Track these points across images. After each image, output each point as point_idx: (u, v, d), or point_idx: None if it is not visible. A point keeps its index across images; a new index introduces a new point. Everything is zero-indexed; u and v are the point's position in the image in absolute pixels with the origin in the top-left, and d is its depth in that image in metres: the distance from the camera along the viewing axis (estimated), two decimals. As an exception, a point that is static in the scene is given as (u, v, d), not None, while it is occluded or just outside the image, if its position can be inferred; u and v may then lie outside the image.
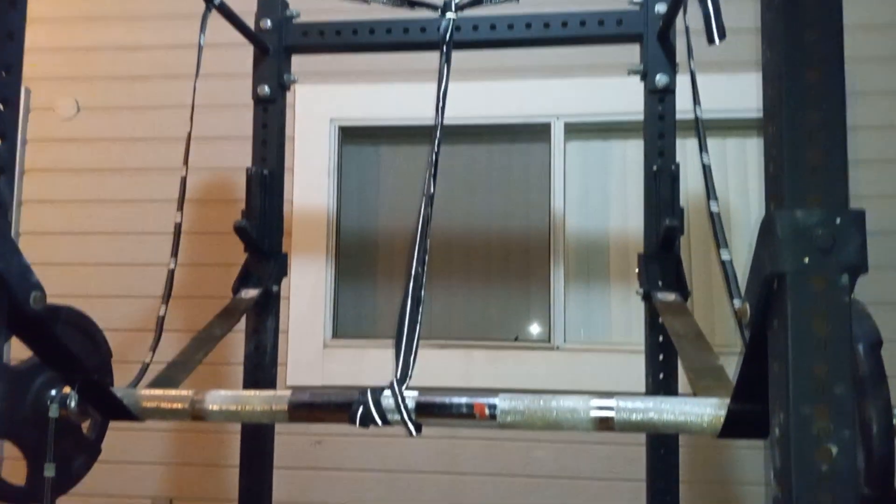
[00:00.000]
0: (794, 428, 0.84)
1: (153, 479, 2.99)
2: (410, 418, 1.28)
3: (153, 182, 3.10)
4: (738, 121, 2.79)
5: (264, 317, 2.14)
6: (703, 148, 1.55)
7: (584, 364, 2.77)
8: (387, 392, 1.30)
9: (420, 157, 3.10)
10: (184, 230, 2.94)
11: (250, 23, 2.16)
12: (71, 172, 3.19)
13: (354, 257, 3.07)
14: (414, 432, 1.29)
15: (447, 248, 3.04)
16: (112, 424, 2.83)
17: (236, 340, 2.28)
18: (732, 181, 2.89)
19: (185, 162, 1.83)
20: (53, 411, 1.40)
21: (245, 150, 2.23)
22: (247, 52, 2.24)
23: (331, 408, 1.32)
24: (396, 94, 2.97)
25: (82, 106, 3.22)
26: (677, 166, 1.97)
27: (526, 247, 3.01)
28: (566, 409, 1.21)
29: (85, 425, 1.59)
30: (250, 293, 2.06)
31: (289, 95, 3.06)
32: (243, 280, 2.10)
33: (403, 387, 1.31)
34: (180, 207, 1.79)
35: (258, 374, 2.12)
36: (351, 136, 3.09)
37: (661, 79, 2.00)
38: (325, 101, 3.02)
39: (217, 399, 1.36)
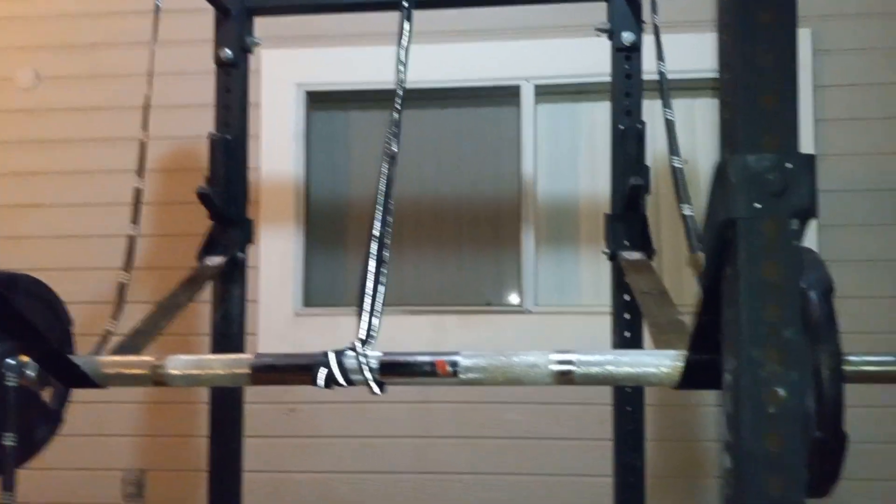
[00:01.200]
0: (745, 372, 0.85)
1: (125, 451, 2.97)
2: (374, 378, 1.27)
3: (117, 152, 3.03)
4: (706, 80, 2.79)
5: (230, 285, 2.12)
6: (665, 104, 1.54)
7: (555, 327, 2.78)
8: (349, 352, 1.29)
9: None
10: (149, 201, 2.91)
11: (211, -15, 2.11)
12: (33, 144, 3.11)
13: (325, 225, 3.05)
14: (377, 391, 1.28)
15: (417, 214, 3.02)
16: (82, 398, 2.81)
17: (204, 310, 2.27)
18: (700, 141, 2.90)
19: (144, 127, 1.79)
20: (10, 380, 1.38)
21: (210, 119, 2.19)
22: (210, 17, 2.18)
23: (293, 369, 1.31)
24: (364, 57, 2.92)
25: (42, 76, 3.14)
26: (643, 125, 1.97)
27: (496, 211, 3.00)
28: (526, 364, 1.21)
29: (46, 395, 1.58)
30: (215, 261, 2.03)
31: (254, 61, 3.00)
32: (208, 248, 2.07)
33: (367, 347, 1.31)
34: (140, 174, 1.75)
35: (225, 342, 2.11)
36: (319, 101, 3.05)
37: (627, 36, 1.99)
38: (290, 65, 2.97)
39: (179, 364, 1.34)
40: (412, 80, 2.02)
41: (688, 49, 2.47)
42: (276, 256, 2.90)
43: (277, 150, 2.93)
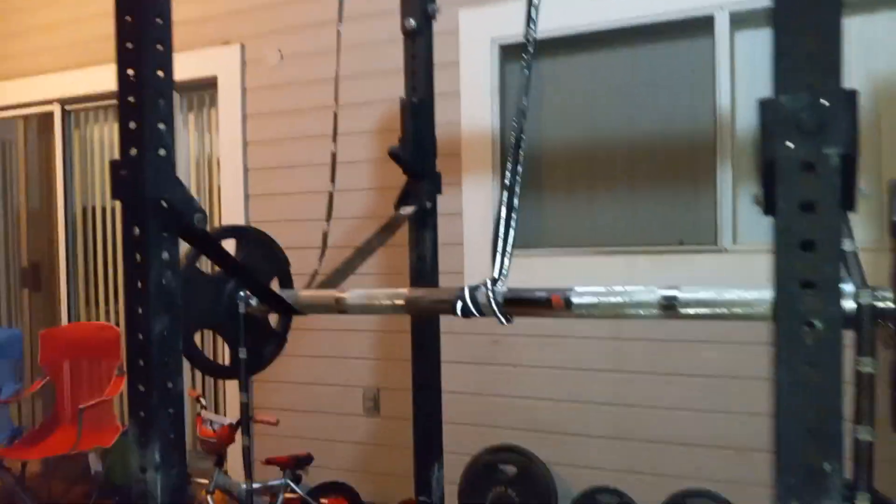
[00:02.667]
0: (784, 304, 0.89)
1: (364, 371, 3.49)
2: (500, 310, 1.45)
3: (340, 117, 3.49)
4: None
5: (422, 231, 2.40)
6: None
7: (753, 265, 2.68)
8: (482, 288, 1.48)
9: (579, 66, 3.12)
10: (368, 158, 3.31)
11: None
12: (280, 114, 3.69)
13: (520, 172, 3.21)
14: (504, 321, 1.46)
15: (609, 155, 3.06)
16: (330, 326, 3.38)
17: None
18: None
19: (336, 100, 2.10)
20: (241, 308, 1.79)
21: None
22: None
23: (438, 302, 1.54)
24: (550, 4, 2.99)
25: (284, 54, 3.68)
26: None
27: (691, 148, 2.93)
28: (633, 298, 1.30)
29: (274, 320, 1.99)
30: (407, 210, 2.32)
31: (452, 21, 3.25)
32: (403, 199, 2.37)
33: (497, 285, 1.49)
34: (334, 139, 2.08)
35: (421, 280, 2.40)
36: (512, 53, 3.19)
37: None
38: (485, 22, 3.14)
39: (354, 296, 1.65)
40: (600, 22, 2.06)
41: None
42: (478, 203, 3.15)
43: (476, 105, 3.15)
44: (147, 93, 1.36)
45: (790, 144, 0.86)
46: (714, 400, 2.79)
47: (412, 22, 2.37)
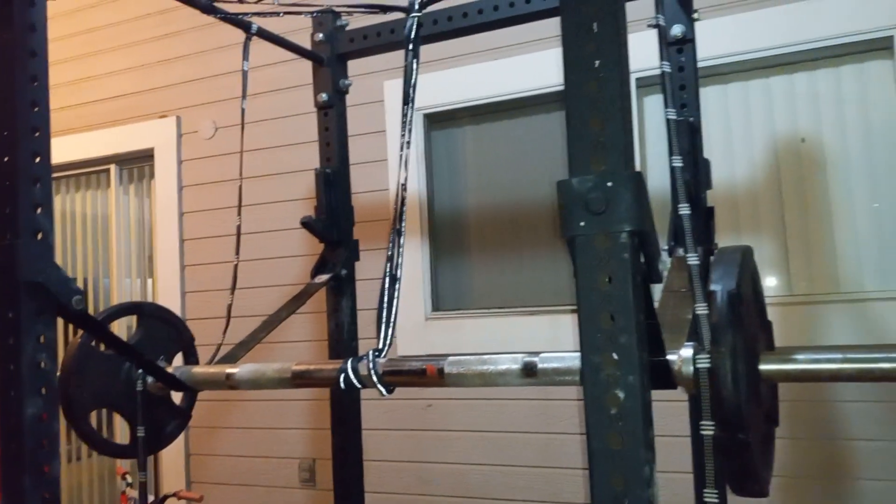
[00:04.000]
0: (588, 375, 0.93)
1: (299, 442, 3.45)
2: (381, 381, 1.47)
3: (271, 186, 3.55)
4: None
5: (340, 298, 2.43)
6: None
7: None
8: (364, 360, 1.51)
9: (503, 130, 3.22)
10: (292, 227, 3.34)
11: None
12: (214, 185, 3.74)
13: (448, 235, 3.28)
14: (384, 392, 1.48)
15: (533, 217, 3.14)
16: (266, 397, 3.32)
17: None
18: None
19: (240, 174, 2.15)
20: (139, 386, 1.79)
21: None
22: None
23: (322, 375, 1.56)
24: (475, 75, 3.11)
25: (218, 126, 3.75)
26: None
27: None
28: (497, 366, 1.33)
29: (178, 397, 1.98)
30: (321, 278, 2.35)
31: (377, 93, 3.35)
32: (319, 268, 2.40)
33: (381, 356, 1.51)
34: (239, 212, 2.11)
35: (339, 347, 2.41)
36: (436, 121, 3.29)
37: None
38: (409, 92, 3.24)
39: (244, 372, 1.66)
40: (518, 88, 2.06)
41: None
42: (407, 267, 3.19)
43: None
44: (21, 179, 1.39)
45: (582, 223, 0.91)
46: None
47: (324, 96, 2.45)
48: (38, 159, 1.42)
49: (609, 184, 0.90)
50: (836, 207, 2.70)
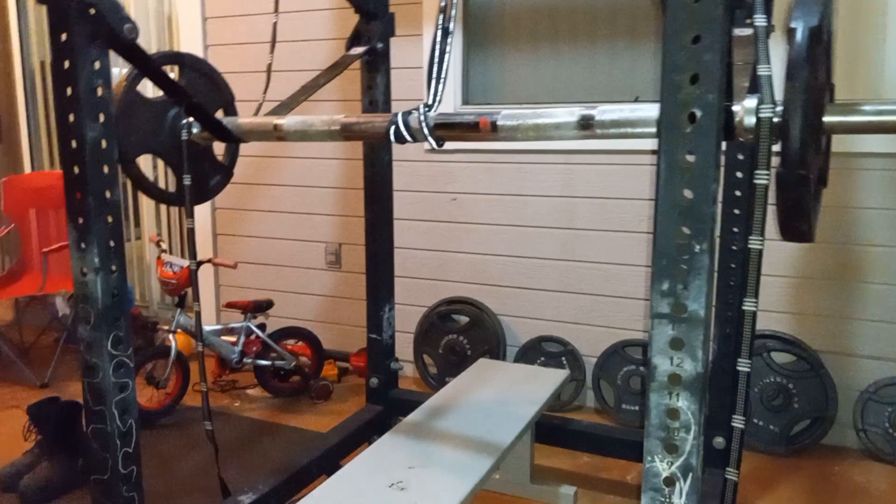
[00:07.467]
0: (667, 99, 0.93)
1: (327, 227, 3.56)
2: (432, 134, 1.49)
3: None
4: None
5: (375, 74, 2.39)
6: None
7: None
8: (414, 113, 1.51)
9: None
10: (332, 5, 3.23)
11: None
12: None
13: (483, 25, 3.16)
14: (434, 145, 1.50)
15: (571, 11, 3.01)
16: (293, 181, 3.36)
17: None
18: None
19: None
20: (184, 135, 1.80)
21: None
22: None
23: (372, 127, 1.57)
24: None
25: None
26: None
27: (649, 6, 2.89)
28: (554, 119, 1.34)
29: (220, 153, 2.01)
30: (357, 50, 2.30)
31: None
32: (353, 40, 2.34)
33: (431, 111, 1.51)
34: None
35: (373, 125, 2.41)
36: None
37: None
38: None
39: (292, 123, 1.67)
40: None
41: None
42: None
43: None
44: None
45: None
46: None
47: None
48: None
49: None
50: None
